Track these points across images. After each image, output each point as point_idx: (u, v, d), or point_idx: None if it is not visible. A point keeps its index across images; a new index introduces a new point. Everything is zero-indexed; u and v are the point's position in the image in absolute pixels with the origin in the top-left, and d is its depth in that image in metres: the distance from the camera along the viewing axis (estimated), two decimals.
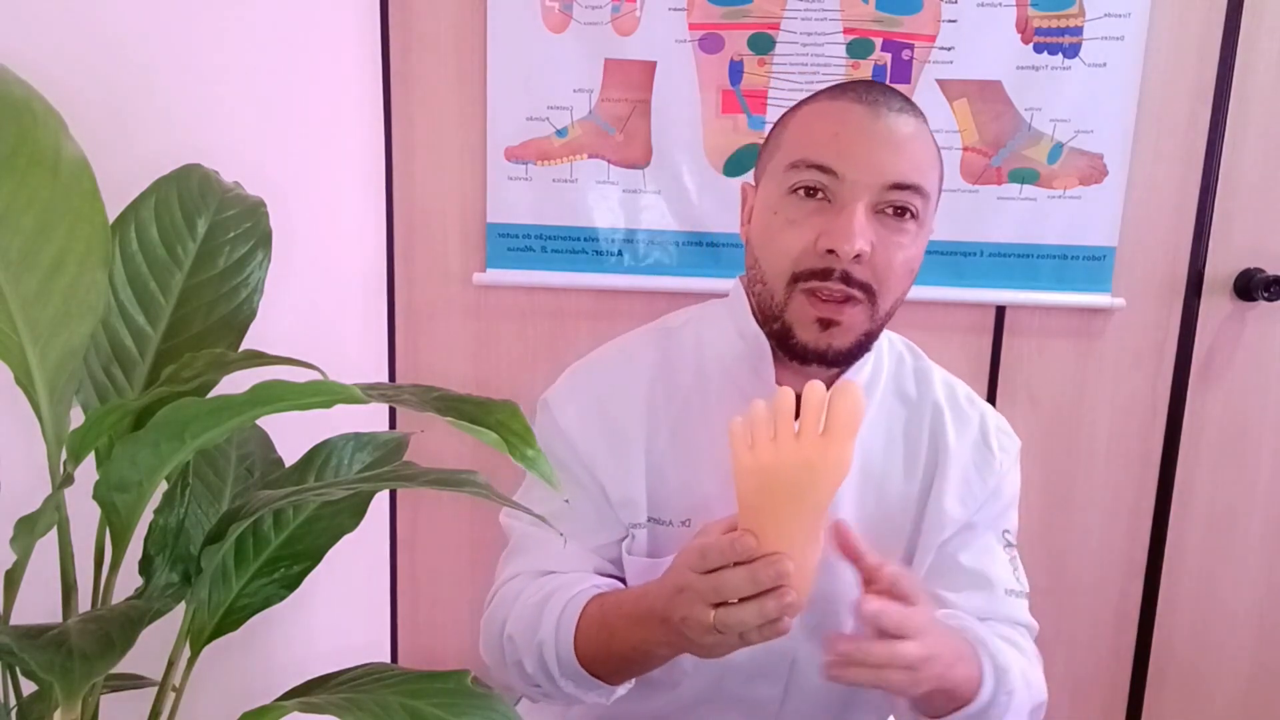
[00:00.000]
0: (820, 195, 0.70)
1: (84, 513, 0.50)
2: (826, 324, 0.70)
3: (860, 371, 0.77)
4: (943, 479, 0.79)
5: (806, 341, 0.71)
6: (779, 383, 0.75)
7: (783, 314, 0.72)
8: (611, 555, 0.80)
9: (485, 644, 0.80)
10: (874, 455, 0.79)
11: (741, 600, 0.58)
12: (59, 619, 0.46)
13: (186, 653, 0.56)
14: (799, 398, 0.61)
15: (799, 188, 0.71)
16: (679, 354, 0.81)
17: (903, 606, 0.63)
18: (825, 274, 0.69)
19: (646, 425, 0.78)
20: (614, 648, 0.69)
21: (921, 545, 0.79)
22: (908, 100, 0.73)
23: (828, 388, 0.62)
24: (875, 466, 0.79)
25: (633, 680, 0.73)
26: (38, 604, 0.50)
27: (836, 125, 0.71)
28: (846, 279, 0.69)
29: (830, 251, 0.68)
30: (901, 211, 0.70)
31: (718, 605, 0.59)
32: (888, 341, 0.82)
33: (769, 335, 0.75)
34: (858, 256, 0.68)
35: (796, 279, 0.71)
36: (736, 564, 0.59)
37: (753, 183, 0.79)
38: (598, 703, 0.74)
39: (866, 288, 0.70)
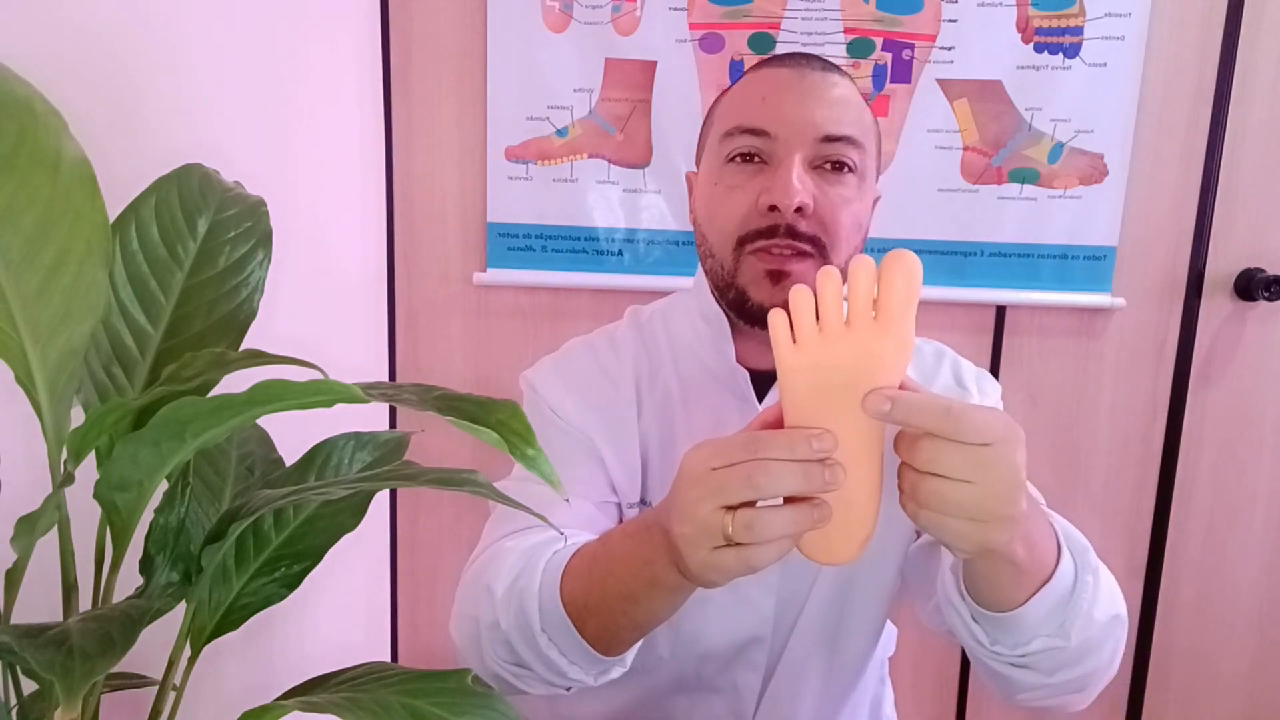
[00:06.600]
0: (757, 159, 0.71)
1: (84, 512, 0.50)
2: (778, 276, 0.70)
3: None
4: None
5: (761, 300, 0.70)
6: (742, 358, 0.75)
7: (734, 279, 0.72)
8: (612, 517, 0.78)
9: (458, 612, 0.71)
10: None
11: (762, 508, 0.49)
12: (59, 618, 0.46)
13: (187, 652, 0.56)
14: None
15: (735, 155, 0.72)
16: (653, 343, 0.82)
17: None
18: (770, 232, 0.69)
19: (636, 407, 0.79)
20: (607, 584, 0.61)
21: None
22: (833, 64, 0.75)
23: None
24: None
25: (623, 659, 0.65)
26: (38, 603, 0.50)
27: (764, 89, 0.72)
28: (793, 234, 0.69)
29: (773, 208, 0.69)
30: (839, 166, 0.71)
31: (734, 508, 0.50)
32: None
33: (727, 307, 0.75)
34: (800, 210, 0.68)
35: (743, 242, 0.71)
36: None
37: (695, 169, 0.80)
38: (581, 682, 0.65)
39: (815, 240, 0.69)
